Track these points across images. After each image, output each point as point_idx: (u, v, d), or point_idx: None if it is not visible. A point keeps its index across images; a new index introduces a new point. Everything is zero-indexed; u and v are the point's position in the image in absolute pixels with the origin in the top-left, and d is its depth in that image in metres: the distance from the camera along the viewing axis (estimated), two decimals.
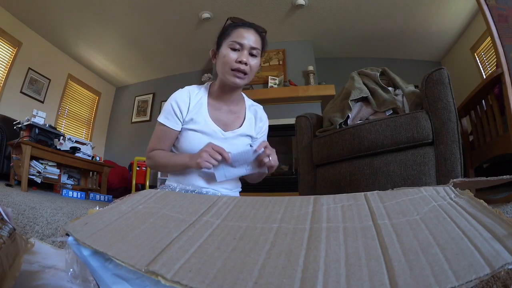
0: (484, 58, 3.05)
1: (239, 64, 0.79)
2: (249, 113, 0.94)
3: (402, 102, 1.34)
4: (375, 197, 0.34)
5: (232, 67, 0.80)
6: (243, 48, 0.80)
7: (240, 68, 0.79)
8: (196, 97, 0.87)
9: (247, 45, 0.80)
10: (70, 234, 0.33)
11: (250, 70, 0.81)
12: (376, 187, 1.21)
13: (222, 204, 0.38)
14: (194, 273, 0.22)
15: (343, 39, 3.63)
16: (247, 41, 0.80)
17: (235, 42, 0.80)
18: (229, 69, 0.80)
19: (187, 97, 0.85)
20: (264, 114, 0.98)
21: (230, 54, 0.80)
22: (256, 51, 0.82)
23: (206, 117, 0.86)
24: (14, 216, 0.99)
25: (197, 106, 0.86)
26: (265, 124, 0.98)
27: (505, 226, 0.23)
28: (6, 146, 2.44)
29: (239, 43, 0.80)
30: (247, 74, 0.81)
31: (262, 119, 0.96)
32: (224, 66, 0.81)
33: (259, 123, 0.96)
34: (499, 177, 0.38)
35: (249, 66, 0.81)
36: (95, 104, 4.53)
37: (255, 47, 0.81)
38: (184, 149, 0.85)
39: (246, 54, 0.80)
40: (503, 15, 1.39)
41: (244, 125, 0.91)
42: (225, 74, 0.81)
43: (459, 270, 0.19)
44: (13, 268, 0.37)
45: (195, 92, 0.87)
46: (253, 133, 0.93)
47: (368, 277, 0.19)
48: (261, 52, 0.86)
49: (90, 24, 3.36)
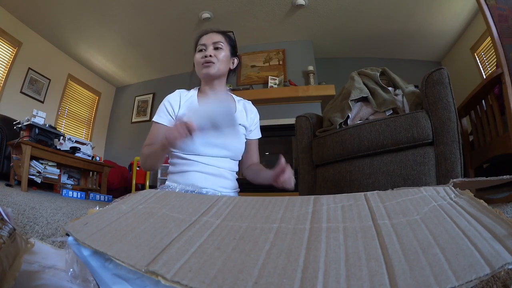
0: (484, 58, 3.05)
1: (205, 58, 0.92)
2: (239, 105, 1.01)
3: (402, 102, 1.34)
4: (375, 197, 0.34)
5: (201, 62, 0.92)
6: (206, 46, 0.93)
7: (206, 60, 0.91)
8: (187, 96, 0.97)
9: (209, 43, 0.93)
10: (70, 234, 0.33)
11: (217, 59, 0.92)
12: (376, 187, 1.21)
13: (222, 204, 0.38)
14: (194, 273, 0.22)
15: (343, 39, 3.63)
16: (208, 40, 0.94)
17: (200, 45, 0.95)
18: (200, 65, 0.93)
19: (178, 96, 0.95)
20: (253, 107, 1.05)
21: (198, 55, 0.94)
22: (219, 44, 0.94)
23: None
24: (14, 216, 0.99)
25: (188, 102, 0.95)
26: (256, 116, 1.05)
27: (505, 226, 0.23)
28: (6, 146, 2.44)
29: (202, 44, 0.94)
30: (213, 62, 0.92)
31: (252, 111, 1.04)
32: (196, 65, 0.95)
33: (250, 114, 1.02)
34: (499, 177, 0.38)
35: (215, 57, 0.92)
36: (95, 104, 4.53)
37: (216, 41, 0.94)
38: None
39: (210, 49, 0.93)
40: (503, 15, 1.39)
41: (236, 114, 0.97)
42: (198, 71, 0.94)
43: (459, 270, 0.19)
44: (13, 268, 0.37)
45: (185, 93, 0.98)
46: (246, 123, 0.99)
47: (368, 277, 0.19)
48: (232, 48, 0.98)
49: (90, 24, 3.36)
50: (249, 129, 1.00)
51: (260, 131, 1.06)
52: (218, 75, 0.94)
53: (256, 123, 1.04)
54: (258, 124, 1.05)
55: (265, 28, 3.42)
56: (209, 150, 0.87)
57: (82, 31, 3.48)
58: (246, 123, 0.99)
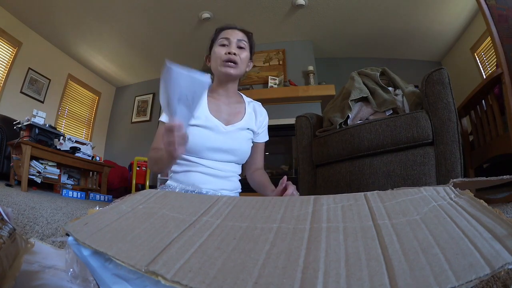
0: (484, 58, 3.05)
1: (229, 55, 0.86)
2: (248, 108, 0.97)
3: (402, 102, 1.34)
4: (375, 197, 0.34)
5: (223, 59, 0.86)
6: (230, 42, 0.88)
7: (231, 58, 0.86)
8: None
9: (234, 39, 0.88)
10: (70, 234, 0.33)
11: (240, 60, 0.87)
12: (376, 187, 1.21)
13: (222, 204, 0.38)
14: (194, 273, 0.22)
15: (343, 39, 3.63)
16: (232, 35, 0.88)
17: (223, 38, 0.88)
18: (221, 62, 0.86)
19: None
20: (263, 109, 1.02)
21: (220, 49, 0.87)
22: (243, 43, 0.89)
23: (206, 112, 0.88)
24: (14, 216, 0.99)
25: None
26: (265, 119, 1.01)
27: (505, 226, 0.23)
28: (6, 146, 2.44)
29: (226, 38, 0.88)
30: (237, 63, 0.87)
31: (262, 113, 1.00)
32: (216, 60, 0.88)
33: (260, 117, 0.99)
34: (499, 177, 0.38)
35: (239, 57, 0.87)
36: (95, 104, 4.53)
37: (241, 39, 0.89)
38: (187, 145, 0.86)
39: (234, 47, 0.87)
40: (503, 15, 1.39)
41: (245, 118, 0.93)
42: (218, 67, 0.87)
43: (459, 270, 0.19)
44: (13, 268, 0.37)
45: None
46: (254, 127, 0.96)
47: (368, 277, 0.19)
48: (250, 50, 0.93)
49: (90, 24, 3.36)
50: (256, 132, 0.97)
51: (267, 134, 1.02)
52: (237, 77, 0.91)
53: (265, 125, 1.01)
54: (266, 126, 1.01)
55: (265, 28, 3.42)
56: (215, 155, 0.86)
57: (82, 31, 3.48)
58: (254, 127, 0.96)
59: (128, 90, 4.84)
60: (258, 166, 1.00)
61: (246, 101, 0.99)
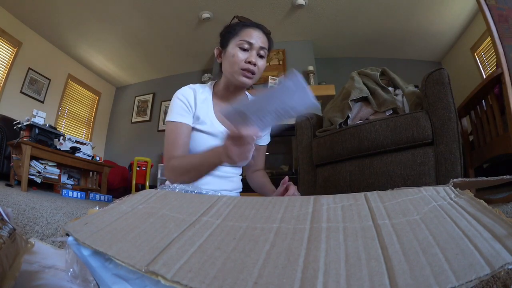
0: (484, 58, 3.05)
1: (248, 65, 0.78)
2: None
3: (402, 102, 1.34)
4: (375, 197, 0.34)
5: (242, 67, 0.78)
6: (252, 48, 0.78)
7: (250, 68, 0.78)
8: (202, 94, 0.84)
9: (256, 45, 0.78)
10: (70, 234, 0.33)
11: (258, 71, 0.80)
12: (376, 187, 1.21)
13: (222, 204, 0.38)
14: (194, 273, 0.22)
15: (343, 39, 3.63)
16: (256, 40, 0.78)
17: (244, 41, 0.78)
18: (238, 69, 0.78)
19: (192, 93, 0.82)
20: None
21: (239, 54, 0.78)
22: (264, 52, 0.81)
23: (212, 117, 0.84)
24: (14, 216, 0.99)
25: (204, 104, 0.83)
26: None
27: (505, 226, 0.23)
28: (6, 146, 2.44)
29: (249, 42, 0.78)
30: (255, 74, 0.80)
31: None
32: (233, 65, 0.79)
33: None
34: (499, 177, 0.38)
35: (257, 67, 0.79)
36: (95, 104, 4.54)
37: (263, 47, 0.80)
38: (190, 151, 0.83)
39: (254, 55, 0.78)
40: (503, 15, 1.39)
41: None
42: (234, 74, 0.79)
43: (459, 270, 0.19)
44: (13, 268, 0.37)
45: (199, 90, 0.85)
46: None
47: (368, 277, 0.19)
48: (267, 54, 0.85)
49: (90, 24, 3.36)
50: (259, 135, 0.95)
51: (270, 136, 1.00)
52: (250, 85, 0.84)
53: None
54: (269, 129, 0.99)
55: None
56: None
57: (82, 31, 3.48)
58: None
59: (128, 90, 4.84)
60: (259, 167, 1.00)
61: None
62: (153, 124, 4.40)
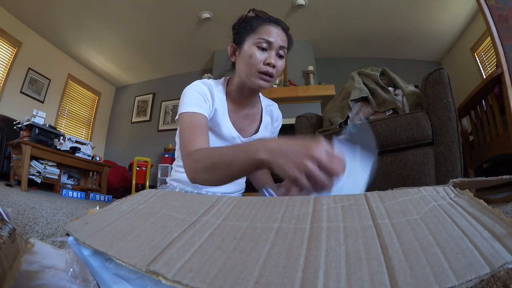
0: (484, 58, 3.05)
1: (267, 67, 0.70)
2: (266, 116, 0.89)
3: (402, 102, 1.34)
4: (375, 197, 0.34)
5: (260, 70, 0.70)
6: (271, 47, 0.71)
7: (268, 71, 0.71)
8: (217, 91, 0.77)
9: (276, 44, 0.71)
10: (70, 234, 0.33)
11: (276, 73, 0.73)
12: (376, 187, 1.21)
13: (223, 204, 0.38)
14: (194, 272, 0.22)
15: (343, 39, 3.63)
16: (275, 39, 0.70)
17: (263, 39, 0.70)
18: (255, 71, 0.71)
19: (207, 88, 0.75)
20: (279, 113, 0.95)
21: (258, 55, 0.70)
22: (283, 51, 0.73)
23: (226, 120, 0.79)
24: (14, 216, 0.99)
25: (221, 103, 0.77)
26: (280, 125, 0.97)
27: (505, 226, 0.23)
28: (6, 146, 2.45)
29: (268, 41, 0.70)
30: (273, 77, 0.73)
31: (277, 119, 0.95)
32: (250, 67, 0.71)
33: (275, 123, 0.94)
34: (499, 177, 0.38)
35: (276, 68, 0.72)
36: (95, 104, 4.54)
37: (283, 46, 0.72)
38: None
39: (274, 55, 0.71)
40: (503, 15, 1.39)
41: (260, 130, 0.87)
42: (250, 76, 0.72)
43: (459, 269, 0.19)
44: (13, 268, 0.37)
45: (215, 87, 0.77)
46: (267, 135, 0.92)
47: (369, 276, 0.19)
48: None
49: (90, 24, 3.36)
50: (268, 137, 0.92)
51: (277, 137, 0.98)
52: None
53: (277, 131, 0.95)
54: (278, 131, 0.96)
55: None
56: None
57: (82, 31, 3.48)
58: (268, 135, 0.91)
59: (128, 90, 4.84)
60: None
61: (263, 105, 0.89)
62: (153, 124, 4.40)
